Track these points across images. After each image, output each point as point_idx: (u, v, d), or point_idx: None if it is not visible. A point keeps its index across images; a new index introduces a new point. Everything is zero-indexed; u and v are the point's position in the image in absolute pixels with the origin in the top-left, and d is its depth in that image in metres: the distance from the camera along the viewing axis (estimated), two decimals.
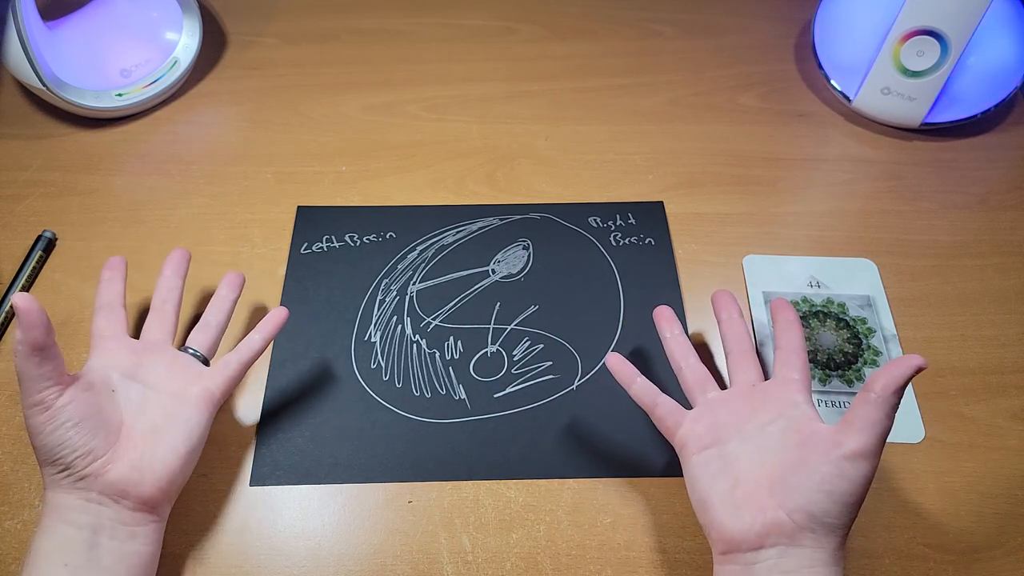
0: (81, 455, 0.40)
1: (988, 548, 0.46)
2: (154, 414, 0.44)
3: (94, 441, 0.40)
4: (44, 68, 0.62)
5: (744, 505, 0.39)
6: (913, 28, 0.62)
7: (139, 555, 0.41)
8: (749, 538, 0.38)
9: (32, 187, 0.64)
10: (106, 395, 0.43)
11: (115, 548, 0.40)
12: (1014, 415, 0.52)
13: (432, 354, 0.55)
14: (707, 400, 0.44)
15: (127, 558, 0.40)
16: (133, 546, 0.41)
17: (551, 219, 0.62)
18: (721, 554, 0.40)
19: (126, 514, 0.41)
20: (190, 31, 0.71)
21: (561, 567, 0.46)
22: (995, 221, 0.62)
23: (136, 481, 0.41)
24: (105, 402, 0.42)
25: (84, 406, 0.41)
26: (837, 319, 0.56)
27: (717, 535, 0.39)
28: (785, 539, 0.37)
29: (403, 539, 0.47)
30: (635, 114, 0.70)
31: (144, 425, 0.43)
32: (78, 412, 0.40)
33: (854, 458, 0.37)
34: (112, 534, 0.40)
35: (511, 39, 0.77)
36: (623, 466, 0.49)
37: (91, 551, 0.39)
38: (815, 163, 0.66)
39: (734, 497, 0.39)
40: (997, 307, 0.57)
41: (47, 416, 0.39)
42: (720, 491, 0.40)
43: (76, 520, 0.40)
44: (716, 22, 0.79)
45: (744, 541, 0.38)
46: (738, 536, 0.38)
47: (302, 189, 0.64)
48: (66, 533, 0.39)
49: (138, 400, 0.44)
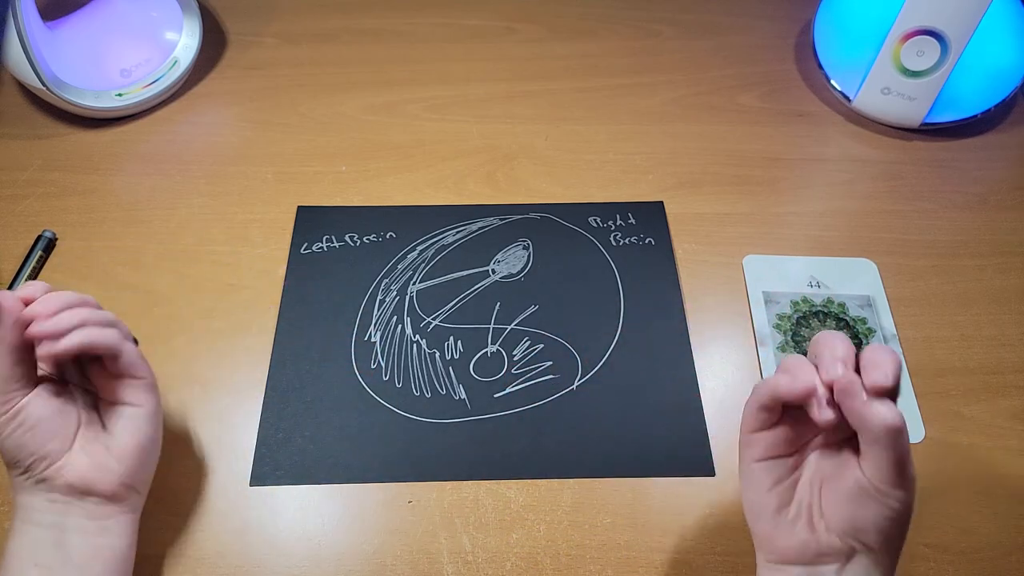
0: (37, 459, 0.40)
1: (988, 548, 0.46)
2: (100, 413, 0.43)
3: (49, 445, 0.40)
4: (44, 68, 0.62)
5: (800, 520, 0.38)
6: (913, 28, 0.62)
7: (112, 548, 0.41)
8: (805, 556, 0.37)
9: (32, 187, 0.64)
10: (66, 396, 0.43)
11: (85, 544, 0.40)
12: (1014, 415, 0.52)
13: (432, 354, 0.55)
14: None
15: (99, 552, 0.40)
16: (105, 540, 0.41)
17: (551, 219, 0.62)
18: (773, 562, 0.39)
19: (92, 508, 0.41)
20: (190, 31, 0.71)
21: (561, 567, 0.46)
22: (995, 221, 0.62)
23: (96, 480, 0.41)
24: (65, 403, 0.42)
25: (43, 410, 0.41)
26: (837, 319, 0.56)
27: (769, 546, 0.38)
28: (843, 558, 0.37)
29: (403, 539, 0.47)
30: (635, 114, 0.70)
31: (94, 424, 0.43)
32: (35, 415, 0.40)
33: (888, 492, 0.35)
34: (81, 531, 0.40)
35: (511, 39, 0.77)
36: (623, 466, 0.49)
37: (60, 550, 0.39)
38: (815, 163, 0.66)
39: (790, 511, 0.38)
40: (997, 307, 0.57)
41: (6, 418, 0.39)
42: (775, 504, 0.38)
43: (42, 520, 0.40)
44: (716, 22, 0.79)
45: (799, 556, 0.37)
46: (792, 551, 0.37)
47: (302, 189, 0.64)
48: (34, 534, 0.40)
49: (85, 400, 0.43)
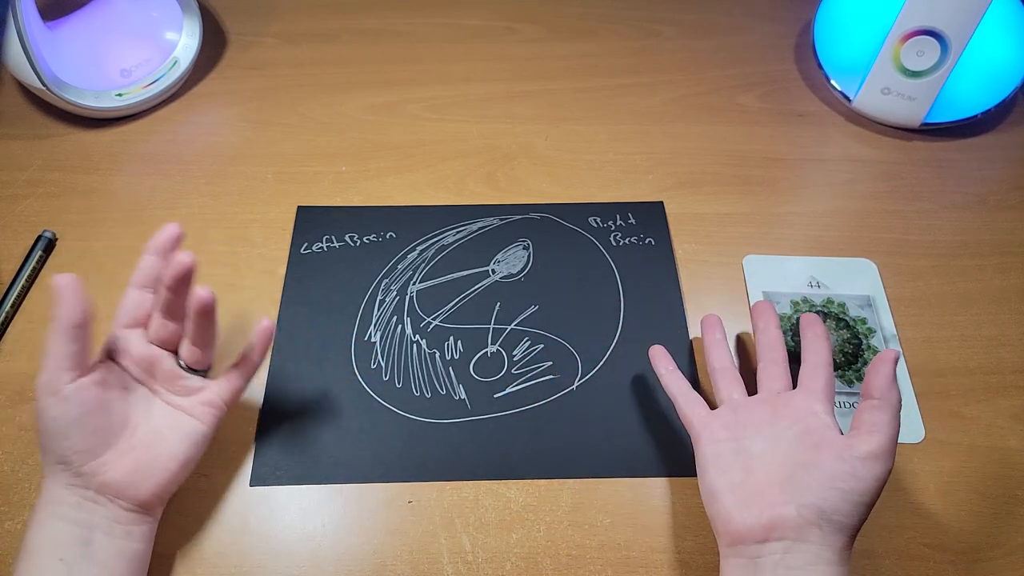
0: (78, 451, 0.40)
1: (988, 548, 0.46)
2: (158, 419, 0.43)
3: (93, 439, 0.40)
4: (44, 68, 0.62)
5: (753, 498, 0.39)
6: (913, 28, 0.62)
7: (133, 551, 0.41)
8: (755, 530, 0.38)
9: (32, 187, 0.64)
10: (118, 392, 0.43)
11: (110, 544, 0.40)
12: (1014, 415, 0.52)
13: (432, 354, 0.55)
14: (732, 401, 0.45)
15: (122, 553, 0.41)
16: (127, 543, 0.41)
17: (551, 219, 0.62)
18: (727, 547, 0.40)
19: (121, 514, 0.41)
20: (190, 31, 0.71)
21: (561, 567, 0.46)
22: (995, 221, 0.62)
23: (134, 484, 0.41)
24: (115, 400, 0.42)
25: (91, 401, 0.40)
26: (837, 319, 0.56)
27: (723, 527, 0.40)
28: (791, 534, 0.37)
29: (403, 539, 0.47)
30: (635, 114, 0.70)
31: (148, 428, 0.43)
32: (83, 406, 0.40)
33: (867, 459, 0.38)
34: (107, 531, 0.40)
35: (511, 39, 0.77)
36: (623, 466, 0.49)
37: (86, 547, 0.39)
38: (815, 163, 0.66)
39: (744, 489, 0.40)
40: (997, 307, 0.57)
41: (53, 401, 0.39)
42: (730, 482, 0.40)
43: (70, 515, 0.40)
44: (716, 22, 0.79)
45: (749, 533, 0.38)
46: (744, 528, 0.38)
47: (302, 189, 0.64)
48: (60, 528, 0.40)
49: (145, 402, 0.44)
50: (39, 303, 0.57)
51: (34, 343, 0.55)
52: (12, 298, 0.56)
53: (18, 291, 0.56)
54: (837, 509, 0.37)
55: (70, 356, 0.39)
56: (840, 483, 0.37)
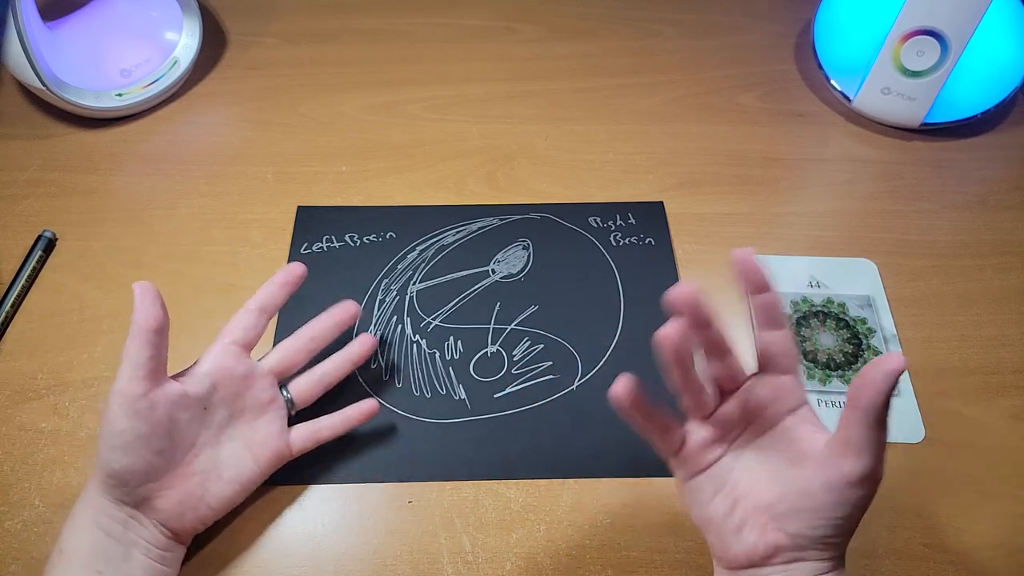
0: (137, 472, 0.40)
1: (988, 548, 0.46)
2: (223, 451, 0.44)
3: (156, 459, 0.40)
4: (44, 68, 0.62)
5: (745, 526, 0.38)
6: (913, 28, 0.62)
7: (164, 574, 0.42)
8: (754, 559, 0.38)
9: (32, 187, 0.64)
10: (194, 411, 0.42)
11: (147, 564, 0.41)
12: (1014, 415, 0.52)
13: (432, 354, 0.55)
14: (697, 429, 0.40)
15: (155, 573, 0.41)
16: (160, 567, 0.41)
17: (551, 219, 0.62)
18: (725, 569, 0.39)
19: (160, 539, 0.41)
20: (190, 31, 0.71)
21: (561, 567, 0.46)
22: (995, 221, 0.62)
23: (179, 516, 0.41)
24: (186, 420, 0.42)
25: (161, 421, 0.40)
26: (837, 319, 0.56)
27: (721, 554, 0.39)
28: (789, 556, 0.37)
29: (403, 539, 0.47)
30: (635, 114, 0.70)
31: (209, 457, 0.43)
32: (153, 425, 0.40)
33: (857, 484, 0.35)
34: (145, 552, 0.41)
35: (511, 39, 0.77)
36: (623, 466, 0.49)
37: (124, 563, 0.40)
38: (815, 163, 0.66)
39: (734, 519, 0.39)
40: (997, 307, 0.57)
41: (123, 412, 0.39)
42: (719, 515, 0.39)
43: (114, 531, 0.40)
44: (716, 22, 0.79)
45: (749, 561, 0.38)
46: (743, 556, 0.38)
47: (302, 189, 0.64)
48: (102, 539, 0.40)
49: (218, 428, 0.44)
50: (39, 303, 0.57)
51: (34, 343, 0.55)
52: (12, 298, 0.56)
53: (18, 291, 0.57)
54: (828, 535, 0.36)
55: (145, 363, 0.39)
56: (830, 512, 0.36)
